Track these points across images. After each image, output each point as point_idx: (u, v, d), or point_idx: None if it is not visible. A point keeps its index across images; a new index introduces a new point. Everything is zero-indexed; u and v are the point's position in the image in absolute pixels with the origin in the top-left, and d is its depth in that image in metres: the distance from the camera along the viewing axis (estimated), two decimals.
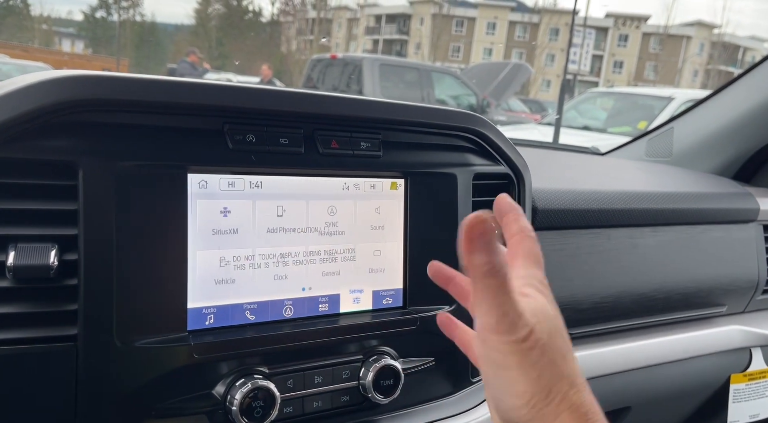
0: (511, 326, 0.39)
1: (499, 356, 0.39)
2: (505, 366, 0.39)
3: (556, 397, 0.39)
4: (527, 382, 0.39)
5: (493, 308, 0.39)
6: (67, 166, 0.48)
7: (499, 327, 0.39)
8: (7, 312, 0.46)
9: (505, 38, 41.35)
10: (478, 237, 0.39)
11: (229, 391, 0.54)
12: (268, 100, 0.56)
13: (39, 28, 21.34)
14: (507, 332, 0.39)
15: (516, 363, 0.39)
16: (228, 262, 0.55)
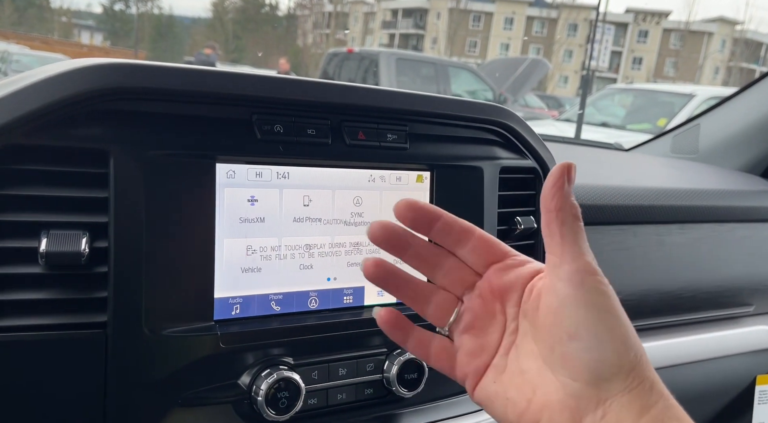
0: (600, 271, 0.37)
1: (601, 299, 0.36)
2: (607, 309, 0.36)
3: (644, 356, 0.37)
4: (625, 326, 0.36)
5: (587, 250, 0.37)
6: (98, 154, 0.48)
7: (595, 267, 0.37)
8: (38, 298, 0.47)
9: (522, 33, 41.03)
10: (570, 181, 0.38)
11: (255, 381, 0.54)
12: (296, 90, 0.56)
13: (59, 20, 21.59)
14: (602, 275, 0.37)
15: (616, 305, 0.37)
16: (254, 251, 0.55)
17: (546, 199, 0.38)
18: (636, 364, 0.36)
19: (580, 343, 0.36)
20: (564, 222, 0.38)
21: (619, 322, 0.36)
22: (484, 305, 0.44)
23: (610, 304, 0.37)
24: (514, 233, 0.71)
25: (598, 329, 0.36)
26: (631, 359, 0.36)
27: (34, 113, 0.45)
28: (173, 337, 0.50)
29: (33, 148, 0.46)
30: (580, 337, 0.36)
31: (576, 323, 0.36)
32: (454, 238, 0.44)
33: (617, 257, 0.83)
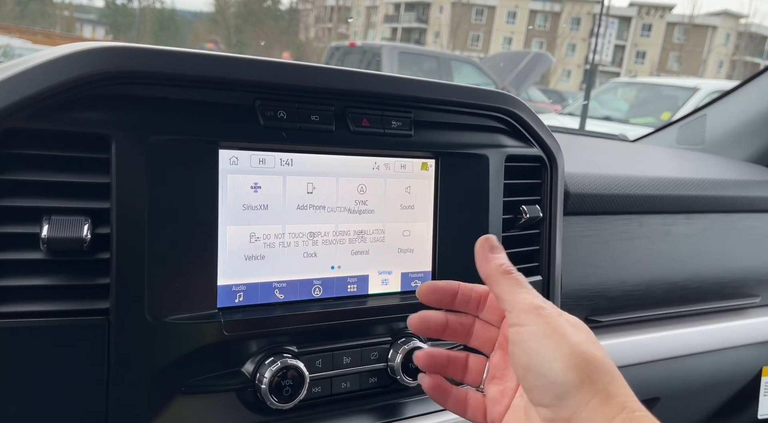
0: (540, 304, 0.43)
1: (541, 329, 0.42)
2: (545, 335, 0.41)
3: (600, 368, 0.40)
4: (570, 345, 0.40)
5: (524, 295, 0.44)
6: (99, 138, 0.47)
7: (533, 304, 0.43)
8: (40, 284, 0.46)
9: (525, 27, 40.87)
10: (492, 248, 0.48)
11: (259, 369, 0.53)
12: (300, 75, 0.55)
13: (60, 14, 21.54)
14: (541, 307, 0.43)
15: (555, 330, 0.41)
16: (258, 238, 0.55)
17: (478, 270, 0.48)
18: (585, 379, 0.39)
19: (532, 373, 0.41)
20: (496, 283, 0.46)
21: (563, 344, 0.40)
22: (503, 355, 0.50)
23: (550, 330, 0.41)
24: (520, 222, 0.70)
25: (543, 356, 0.41)
26: (579, 375, 0.39)
27: (34, 97, 0.44)
28: (176, 325, 0.50)
29: (34, 132, 0.45)
30: (531, 368, 0.41)
31: (526, 357, 0.42)
32: (473, 304, 0.52)
33: (623, 247, 0.83)
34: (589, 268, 0.80)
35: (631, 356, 0.84)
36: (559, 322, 0.42)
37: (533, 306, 0.43)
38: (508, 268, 0.46)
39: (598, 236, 0.81)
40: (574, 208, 0.79)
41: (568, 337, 0.41)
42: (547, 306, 0.44)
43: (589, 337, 0.43)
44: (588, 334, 0.43)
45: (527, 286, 0.45)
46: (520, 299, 0.44)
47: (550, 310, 0.43)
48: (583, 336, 0.42)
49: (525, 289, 0.45)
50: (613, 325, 0.85)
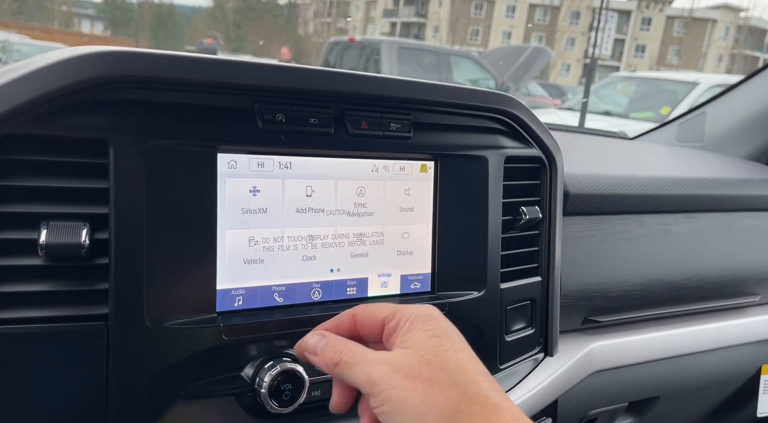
0: (373, 379, 0.41)
1: (391, 406, 0.40)
2: (402, 410, 0.39)
3: (464, 412, 0.39)
4: (428, 412, 0.39)
5: (359, 377, 0.42)
6: (97, 143, 0.47)
7: (369, 387, 0.41)
8: (39, 290, 0.46)
9: (524, 22, 40.75)
10: (312, 347, 0.46)
11: (258, 373, 0.53)
12: (298, 78, 0.55)
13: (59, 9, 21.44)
14: (373, 382, 0.41)
15: (411, 402, 0.39)
16: (257, 242, 0.55)
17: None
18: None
19: None
20: (340, 377, 0.44)
21: (413, 416, 0.39)
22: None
23: (397, 407, 0.40)
24: (519, 223, 0.70)
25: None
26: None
27: (32, 102, 0.44)
28: (175, 329, 0.50)
29: (31, 137, 0.45)
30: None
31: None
32: (346, 332, 0.48)
33: (623, 247, 0.82)
34: (588, 268, 0.80)
35: (631, 356, 0.84)
36: (403, 387, 0.40)
37: (373, 379, 0.41)
38: (333, 358, 0.44)
39: (598, 236, 0.81)
40: (573, 208, 0.79)
41: (416, 403, 0.39)
42: (384, 373, 0.41)
43: (432, 375, 0.40)
44: (429, 372, 0.40)
45: (358, 358, 0.43)
46: (360, 377, 0.42)
47: (388, 376, 0.41)
48: (426, 382, 0.40)
49: (358, 363, 0.43)
50: (612, 325, 0.85)
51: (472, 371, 0.41)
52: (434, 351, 0.41)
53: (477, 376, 0.41)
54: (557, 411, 0.76)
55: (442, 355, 0.41)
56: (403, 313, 0.45)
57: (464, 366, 0.41)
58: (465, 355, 0.42)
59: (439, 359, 0.41)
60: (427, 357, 0.41)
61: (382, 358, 0.42)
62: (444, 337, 0.43)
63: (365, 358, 0.43)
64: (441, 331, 0.43)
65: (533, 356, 0.73)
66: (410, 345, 0.42)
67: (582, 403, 0.82)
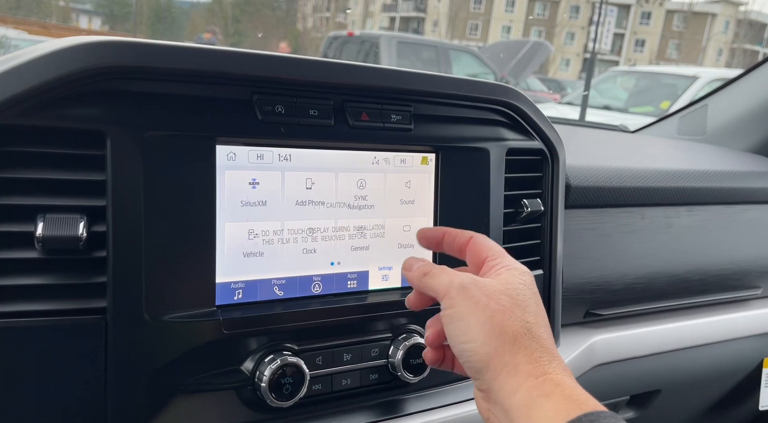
0: (461, 282, 0.46)
1: (452, 312, 0.45)
2: (458, 317, 0.45)
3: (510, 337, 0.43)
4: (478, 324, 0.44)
5: (441, 283, 0.47)
6: (95, 135, 0.46)
7: (447, 289, 0.46)
8: (36, 283, 0.45)
9: (524, 16, 40.63)
10: (409, 265, 0.52)
11: (258, 367, 0.53)
12: (298, 69, 0.54)
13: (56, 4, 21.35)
14: (462, 285, 0.46)
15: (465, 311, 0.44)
16: (257, 235, 0.54)
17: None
18: (493, 354, 0.43)
19: (457, 352, 0.46)
20: (422, 286, 0.50)
21: (475, 324, 0.44)
22: None
23: (467, 310, 0.45)
24: (521, 216, 0.69)
25: (459, 338, 0.45)
26: (488, 351, 0.43)
27: (27, 93, 0.43)
28: (175, 323, 0.49)
29: (27, 129, 0.45)
30: (456, 348, 0.46)
31: (451, 338, 0.46)
32: (456, 248, 0.53)
33: (625, 240, 0.82)
34: (590, 261, 0.80)
35: (633, 349, 0.84)
36: (478, 298, 0.44)
37: (454, 286, 0.46)
38: (423, 269, 0.50)
39: (600, 229, 0.80)
40: (575, 201, 0.78)
41: (481, 314, 0.44)
42: (467, 283, 0.46)
43: (508, 305, 0.44)
44: (507, 302, 0.45)
45: (444, 271, 0.48)
46: (443, 283, 0.47)
47: (470, 287, 0.45)
48: (500, 305, 0.44)
49: (444, 274, 0.48)
50: (614, 318, 0.85)
51: (541, 321, 0.45)
52: (519, 291, 0.46)
53: (542, 327, 0.45)
54: None
55: (523, 296, 0.46)
56: (505, 258, 0.50)
57: (538, 313, 0.46)
58: (541, 310, 0.47)
59: (520, 298, 0.45)
60: (510, 291, 0.46)
61: (458, 277, 0.47)
62: (531, 289, 0.47)
63: (453, 273, 0.48)
64: (531, 285, 0.48)
65: None
66: (501, 279, 0.47)
67: None
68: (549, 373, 0.42)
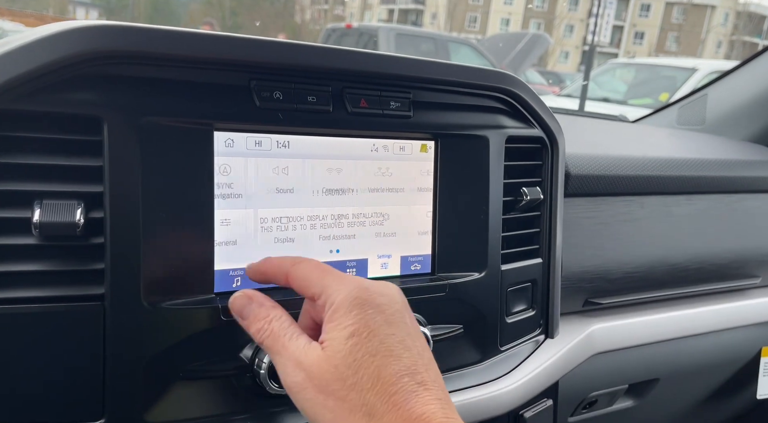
0: (290, 390, 0.42)
1: (308, 409, 0.41)
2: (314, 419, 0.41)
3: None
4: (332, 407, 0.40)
5: (277, 367, 0.44)
6: (91, 120, 0.46)
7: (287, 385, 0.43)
8: (33, 270, 0.45)
9: (523, 8, 40.48)
10: (240, 309, 0.47)
11: (257, 354, 0.52)
12: (296, 54, 0.53)
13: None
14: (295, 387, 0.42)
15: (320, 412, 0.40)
16: (255, 222, 0.54)
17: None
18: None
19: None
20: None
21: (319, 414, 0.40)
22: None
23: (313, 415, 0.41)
24: (520, 204, 0.69)
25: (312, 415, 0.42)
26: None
27: (22, 77, 0.43)
28: (173, 310, 0.49)
29: (22, 114, 0.44)
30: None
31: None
32: (282, 280, 0.49)
33: (624, 229, 0.82)
34: (589, 250, 0.80)
35: (631, 338, 0.84)
36: (314, 401, 0.40)
37: (286, 383, 0.43)
38: (259, 336, 0.45)
39: (599, 218, 0.80)
40: (574, 189, 0.78)
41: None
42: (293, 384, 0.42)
43: (342, 393, 0.40)
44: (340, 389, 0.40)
45: (277, 354, 0.44)
46: (281, 373, 0.43)
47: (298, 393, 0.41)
48: (337, 400, 0.40)
49: (276, 359, 0.44)
50: (613, 307, 0.85)
51: (386, 379, 0.39)
52: (350, 359, 0.40)
53: (390, 384, 0.39)
54: (558, 393, 0.76)
55: (357, 365, 0.39)
56: (328, 294, 0.43)
57: (379, 374, 0.39)
58: (383, 357, 0.40)
59: (351, 372, 0.39)
60: (341, 369, 0.39)
61: (300, 359, 0.41)
62: (363, 337, 0.40)
63: (285, 350, 0.43)
64: (362, 327, 0.41)
65: (534, 338, 0.73)
66: (328, 346, 0.41)
67: (582, 385, 0.82)
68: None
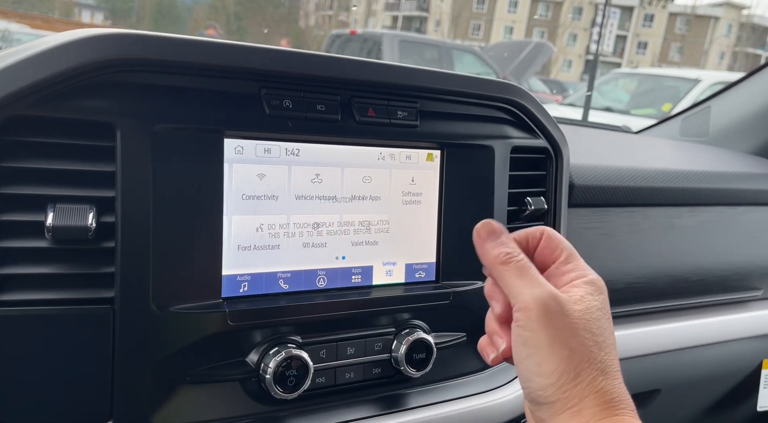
0: (541, 296, 0.42)
1: (529, 335, 0.41)
2: (535, 345, 0.41)
3: (584, 381, 0.40)
4: (555, 361, 0.40)
5: (522, 287, 0.42)
6: (104, 126, 0.47)
7: (526, 303, 0.42)
8: (45, 272, 0.46)
9: (526, 17, 40.61)
10: (489, 234, 0.46)
11: (263, 359, 0.53)
12: (306, 64, 0.54)
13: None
14: (542, 302, 0.41)
15: (545, 341, 0.41)
16: (263, 228, 0.55)
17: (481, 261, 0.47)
18: (560, 394, 0.40)
19: (519, 374, 0.43)
20: (497, 275, 0.45)
21: (542, 356, 0.41)
22: None
23: (539, 341, 0.41)
24: (524, 214, 0.70)
25: (525, 365, 0.42)
26: (554, 392, 0.40)
27: (39, 84, 0.44)
28: (181, 314, 0.50)
29: (38, 119, 0.45)
30: (518, 370, 0.43)
31: (517, 358, 0.43)
32: (525, 245, 0.48)
33: (628, 240, 0.82)
34: (592, 260, 0.79)
35: (633, 348, 0.84)
36: (560, 331, 0.41)
37: (537, 304, 0.41)
38: (504, 258, 0.44)
39: (603, 228, 0.81)
40: (578, 200, 0.79)
41: (560, 351, 0.40)
42: (552, 306, 0.41)
43: (589, 343, 0.41)
44: (589, 340, 0.41)
45: (528, 274, 0.43)
46: (522, 293, 0.42)
47: (554, 314, 0.41)
48: (581, 344, 0.41)
49: (525, 280, 0.43)
50: (615, 317, 0.85)
51: (614, 355, 0.42)
52: (598, 322, 0.42)
53: (609, 354, 0.42)
54: None
55: (602, 329, 0.42)
56: (579, 263, 0.47)
57: (613, 345, 0.43)
58: (613, 337, 0.43)
59: (599, 332, 0.42)
60: (591, 325, 0.42)
61: (544, 290, 0.42)
62: (606, 314, 0.44)
63: (532, 277, 0.43)
64: (605, 306, 0.44)
65: None
66: (583, 304, 0.43)
67: None
68: (615, 415, 0.40)
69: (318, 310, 0.56)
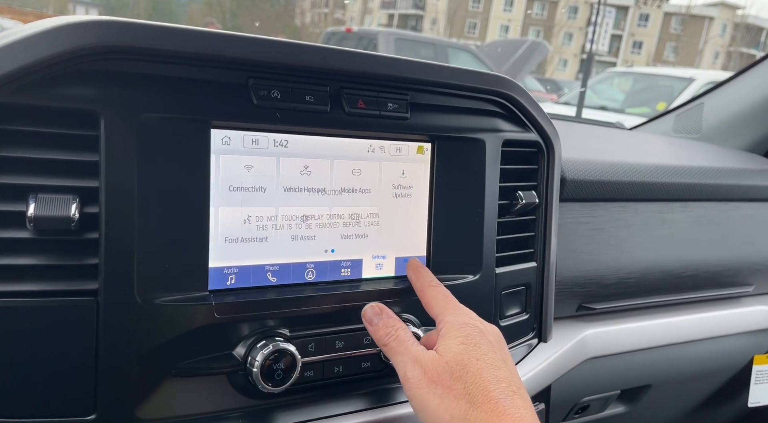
0: (407, 381, 0.49)
1: (414, 401, 0.48)
2: (420, 407, 0.47)
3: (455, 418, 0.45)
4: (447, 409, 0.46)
5: (397, 365, 0.50)
6: (88, 115, 0.46)
7: (404, 377, 0.49)
8: (27, 264, 0.45)
9: (522, 15, 40.64)
10: (374, 317, 0.54)
11: (250, 352, 0.52)
12: (295, 54, 0.54)
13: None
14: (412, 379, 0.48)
15: (421, 403, 0.47)
16: (250, 220, 0.54)
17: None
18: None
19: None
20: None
21: (432, 411, 0.47)
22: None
23: (419, 403, 0.48)
24: (516, 208, 0.69)
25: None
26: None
27: (20, 71, 0.43)
28: (167, 307, 0.49)
29: (20, 107, 0.44)
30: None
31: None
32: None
33: (619, 235, 0.82)
34: (584, 255, 0.80)
35: (624, 344, 0.84)
36: (426, 388, 0.47)
37: (407, 375, 0.48)
38: (384, 340, 0.52)
39: (594, 223, 0.81)
40: (570, 194, 0.78)
41: (432, 401, 0.46)
42: (413, 373, 0.48)
43: (448, 382, 0.47)
44: (447, 379, 0.47)
45: (402, 347, 0.50)
46: (399, 364, 0.50)
47: (414, 378, 0.48)
48: (443, 387, 0.46)
49: (399, 352, 0.50)
50: (606, 312, 0.85)
51: (487, 379, 0.46)
52: (458, 358, 0.47)
53: (490, 384, 0.46)
54: (550, 397, 0.76)
55: (464, 363, 0.47)
56: (445, 317, 0.52)
57: (481, 374, 0.47)
58: (485, 363, 0.48)
59: (459, 367, 0.47)
60: (451, 364, 0.47)
61: (419, 357, 0.49)
62: (471, 346, 0.48)
63: (407, 351, 0.50)
64: (470, 339, 0.49)
65: (527, 342, 0.73)
66: (442, 350, 0.49)
67: (575, 389, 0.82)
68: None
69: (307, 304, 0.56)
